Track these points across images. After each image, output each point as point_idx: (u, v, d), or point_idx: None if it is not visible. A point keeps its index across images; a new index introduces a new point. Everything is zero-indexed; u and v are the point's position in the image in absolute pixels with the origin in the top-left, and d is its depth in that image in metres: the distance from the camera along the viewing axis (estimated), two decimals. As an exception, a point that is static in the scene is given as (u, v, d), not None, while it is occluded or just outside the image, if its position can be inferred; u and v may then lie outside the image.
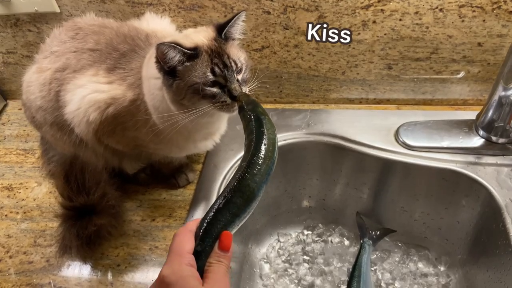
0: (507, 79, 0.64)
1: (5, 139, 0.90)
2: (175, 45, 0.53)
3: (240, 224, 0.47)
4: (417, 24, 0.73)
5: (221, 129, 0.71)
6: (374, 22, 0.74)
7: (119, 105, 0.62)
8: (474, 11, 0.70)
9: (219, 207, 0.45)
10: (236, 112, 0.58)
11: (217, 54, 0.57)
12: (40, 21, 0.84)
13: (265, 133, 0.50)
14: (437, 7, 0.70)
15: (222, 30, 0.58)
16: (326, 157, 0.84)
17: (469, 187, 0.72)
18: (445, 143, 0.75)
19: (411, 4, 0.70)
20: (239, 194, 0.46)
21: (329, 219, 0.92)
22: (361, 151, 0.79)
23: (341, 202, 0.89)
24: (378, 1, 0.71)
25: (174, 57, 0.54)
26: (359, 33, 0.76)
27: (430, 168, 0.74)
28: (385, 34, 0.75)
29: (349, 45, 0.78)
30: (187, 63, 0.55)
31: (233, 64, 0.58)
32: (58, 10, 0.81)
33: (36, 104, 0.69)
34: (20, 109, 0.97)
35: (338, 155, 0.82)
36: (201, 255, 0.44)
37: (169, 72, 0.56)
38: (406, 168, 0.77)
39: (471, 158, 0.73)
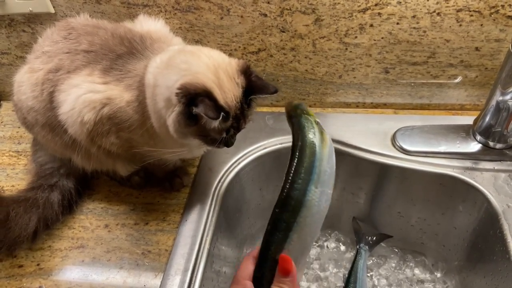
0: (505, 84, 0.63)
1: (-2, 140, 0.89)
2: (216, 106, 0.53)
3: (302, 241, 0.45)
4: (414, 28, 0.72)
5: None
6: (371, 25, 0.74)
7: (115, 105, 0.61)
8: (471, 15, 0.69)
9: (267, 229, 0.45)
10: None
11: (237, 119, 0.58)
12: (35, 21, 0.83)
13: (301, 136, 0.50)
14: (434, 11, 0.70)
15: (250, 92, 0.57)
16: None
17: (466, 193, 0.72)
18: (442, 148, 0.74)
19: (409, 8, 0.70)
20: (283, 208, 0.45)
21: (325, 224, 0.90)
22: (358, 155, 0.78)
23: (337, 207, 0.88)
24: (375, 5, 0.71)
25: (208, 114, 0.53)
26: (356, 37, 0.76)
27: (427, 173, 0.74)
28: (382, 38, 0.75)
29: (346, 49, 0.78)
30: (212, 120, 0.54)
31: (243, 127, 0.60)
32: (52, 11, 0.80)
33: (27, 105, 0.68)
34: (13, 111, 0.96)
35: (335, 159, 0.81)
36: (262, 281, 0.44)
37: (191, 114, 0.54)
38: (402, 173, 0.76)
39: (468, 163, 0.72)
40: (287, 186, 0.45)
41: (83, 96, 0.61)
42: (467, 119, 0.77)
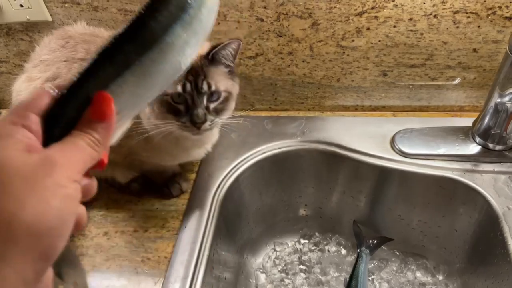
0: (503, 86, 0.63)
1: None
2: None
3: (137, 90, 0.32)
4: (411, 30, 0.72)
5: (212, 138, 0.70)
6: (368, 29, 0.73)
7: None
8: (468, 17, 0.69)
9: (93, 57, 0.31)
10: (200, 136, 0.58)
11: (195, 72, 0.56)
12: (33, 30, 0.83)
13: None
14: (431, 14, 0.70)
15: (211, 51, 0.58)
16: (321, 165, 0.83)
17: (466, 195, 0.71)
18: (441, 151, 0.74)
19: (405, 11, 0.70)
20: (129, 36, 0.32)
21: (326, 228, 0.91)
22: (357, 158, 0.78)
23: (338, 210, 0.88)
24: (372, 8, 0.71)
25: None
26: (353, 40, 0.76)
27: (427, 175, 0.73)
28: (379, 41, 0.75)
29: (343, 52, 0.77)
30: None
31: (205, 87, 0.57)
32: (50, 19, 0.80)
33: None
34: (13, 119, 0.96)
35: (334, 163, 0.81)
36: (58, 120, 0.30)
37: None
38: (402, 176, 0.76)
39: (468, 165, 0.72)
40: (147, 12, 0.32)
41: None
42: (466, 121, 0.77)
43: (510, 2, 0.66)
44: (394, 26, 0.72)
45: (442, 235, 0.80)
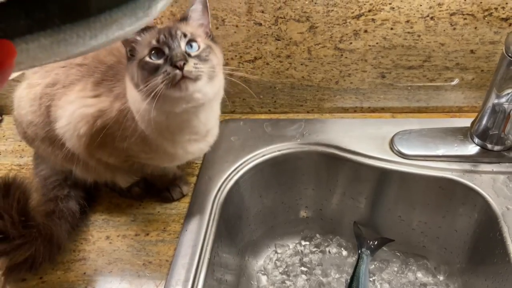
0: (500, 87, 0.63)
1: (0, 154, 0.90)
2: None
3: (48, 53, 0.27)
4: (408, 32, 0.73)
5: (209, 127, 0.66)
6: (365, 31, 0.74)
7: (106, 116, 0.62)
8: (465, 18, 0.70)
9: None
10: (189, 89, 0.52)
11: (168, 28, 0.56)
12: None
13: None
14: (428, 16, 0.70)
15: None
16: (321, 167, 0.83)
17: (466, 196, 0.72)
18: (440, 151, 0.74)
19: (402, 13, 0.70)
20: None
21: (327, 229, 0.91)
22: (357, 160, 0.78)
23: (338, 212, 0.89)
24: (369, 11, 0.71)
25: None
26: (351, 43, 0.76)
27: (426, 176, 0.74)
28: (377, 43, 0.75)
29: (342, 55, 0.78)
30: (139, 38, 0.56)
31: (179, 33, 0.55)
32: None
33: (27, 119, 0.69)
34: (15, 125, 0.97)
35: (334, 164, 0.82)
36: None
37: (130, 56, 0.56)
38: (402, 177, 0.76)
39: (467, 166, 0.72)
40: None
41: (77, 111, 0.62)
42: (465, 121, 0.77)
43: (506, 3, 0.67)
44: (392, 29, 0.73)
45: (442, 235, 0.81)
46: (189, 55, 0.54)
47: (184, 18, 0.59)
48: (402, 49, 0.75)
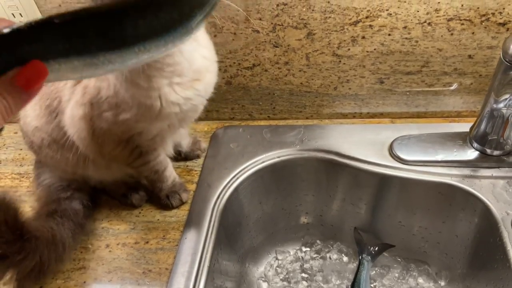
0: (498, 92, 0.63)
1: (0, 163, 0.90)
2: None
3: (77, 74, 0.29)
4: (406, 38, 0.73)
5: (196, 67, 0.57)
6: (363, 37, 0.74)
7: (100, 98, 0.59)
8: (462, 24, 0.70)
9: (55, 22, 0.26)
10: None
11: None
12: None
13: None
14: (425, 21, 0.70)
15: None
16: (321, 173, 0.83)
17: (466, 201, 0.71)
18: (439, 157, 0.74)
19: (399, 19, 0.70)
20: (99, 28, 0.27)
21: (327, 235, 0.91)
22: (356, 166, 0.78)
23: (339, 217, 0.88)
24: (366, 17, 0.71)
25: None
26: (348, 49, 0.76)
27: (426, 182, 0.74)
28: (374, 49, 0.75)
29: (340, 61, 0.78)
30: None
31: None
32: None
33: (32, 125, 0.69)
34: (16, 133, 0.97)
35: (333, 170, 0.82)
36: None
37: None
38: (401, 182, 0.76)
39: (466, 171, 0.72)
40: (135, 7, 0.28)
41: (76, 98, 0.62)
42: (464, 126, 0.77)
43: (504, 9, 0.67)
44: (389, 35, 0.73)
45: (443, 240, 0.80)
46: None
47: None
48: (400, 54, 0.75)
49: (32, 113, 0.68)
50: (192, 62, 0.57)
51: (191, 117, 0.66)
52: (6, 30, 0.26)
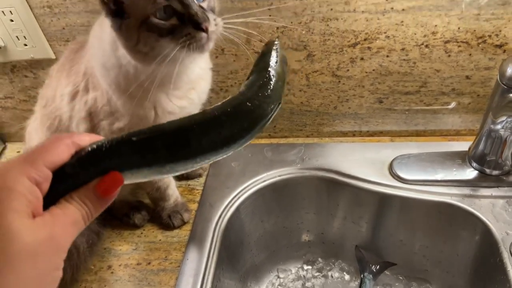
0: (495, 114, 0.64)
1: (3, 183, 0.91)
2: None
3: (145, 179, 0.34)
4: (404, 60, 0.74)
5: (192, 78, 0.59)
6: (362, 59, 0.75)
7: (97, 107, 0.60)
8: (459, 46, 0.71)
9: (132, 140, 0.32)
10: (208, 47, 0.47)
11: None
12: (36, 67, 0.86)
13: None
14: (422, 43, 0.71)
15: None
16: (322, 191, 0.84)
17: (466, 220, 0.72)
18: (439, 176, 0.74)
19: (397, 42, 0.72)
20: (168, 144, 0.32)
21: (329, 253, 0.91)
22: (356, 185, 0.79)
23: (340, 235, 0.89)
24: (365, 40, 0.72)
25: None
26: (348, 70, 0.77)
27: (426, 201, 0.74)
28: (373, 70, 0.76)
29: (339, 81, 0.79)
30: None
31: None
32: (53, 57, 0.83)
33: None
34: (18, 152, 0.98)
35: (334, 189, 0.82)
36: (67, 180, 0.31)
37: (116, 11, 0.47)
38: (402, 201, 0.76)
39: (466, 190, 0.73)
40: (197, 128, 0.33)
41: (78, 115, 0.62)
42: (463, 145, 0.77)
43: (500, 31, 0.68)
44: (387, 56, 0.74)
45: (444, 259, 0.81)
46: (202, 8, 0.48)
47: None
48: (398, 75, 0.76)
49: (35, 136, 0.69)
50: (190, 75, 0.58)
51: None
52: (92, 147, 0.32)
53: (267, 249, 0.91)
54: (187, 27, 0.47)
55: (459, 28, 0.69)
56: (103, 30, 0.54)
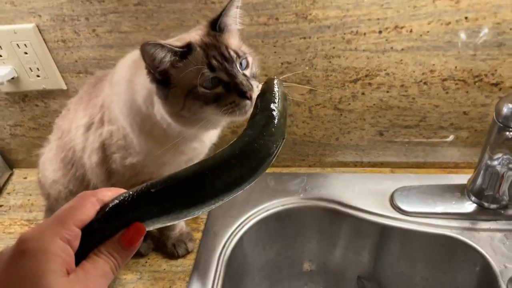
0: (492, 150, 0.66)
1: (10, 209, 0.92)
2: (163, 44, 0.47)
3: (165, 224, 0.37)
4: (403, 95, 0.77)
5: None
6: (363, 93, 0.78)
7: (111, 140, 0.62)
8: (457, 83, 0.74)
9: (151, 191, 0.34)
10: (250, 111, 0.47)
11: (214, 47, 0.50)
12: (47, 96, 0.89)
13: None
14: (421, 81, 0.74)
15: (216, 23, 0.51)
16: (324, 221, 0.85)
17: (465, 253, 0.73)
18: (439, 209, 0.76)
19: (397, 78, 0.75)
20: (183, 192, 0.35)
21: (331, 283, 0.92)
22: (358, 216, 0.80)
23: (342, 265, 0.90)
24: (366, 76, 0.75)
25: (164, 57, 0.47)
26: (349, 104, 0.80)
27: (426, 234, 0.75)
28: (374, 104, 0.79)
29: (341, 114, 0.82)
30: (180, 64, 0.49)
31: (233, 54, 0.50)
32: (65, 87, 0.86)
33: (49, 179, 0.72)
34: (25, 178, 1.00)
35: (336, 219, 0.84)
36: (95, 235, 0.33)
37: (161, 80, 0.50)
38: (402, 233, 0.78)
39: (465, 223, 0.74)
40: (210, 174, 0.35)
41: (91, 146, 0.65)
42: (462, 178, 0.79)
43: (496, 70, 0.71)
44: (387, 92, 0.77)
45: (444, 291, 0.81)
46: (245, 75, 0.51)
47: (220, 28, 0.52)
48: (398, 110, 0.79)
49: (49, 167, 0.71)
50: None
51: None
52: (114, 202, 0.34)
53: (270, 278, 0.91)
54: (232, 95, 0.49)
55: (456, 67, 0.72)
56: (135, 80, 0.56)
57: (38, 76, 0.84)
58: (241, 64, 0.52)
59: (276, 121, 0.41)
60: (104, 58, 0.80)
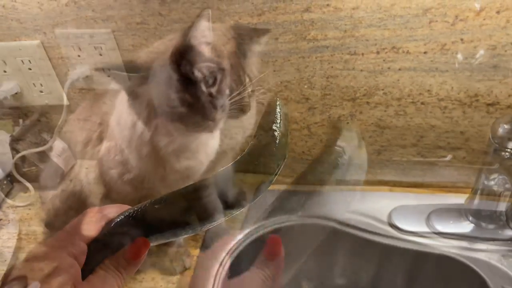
0: (489, 170, 0.67)
1: (9, 223, 0.92)
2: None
3: (169, 240, 0.38)
4: (401, 115, 0.78)
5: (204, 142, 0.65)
6: (361, 112, 0.79)
7: (109, 156, 0.64)
8: (453, 103, 0.75)
9: (155, 207, 0.36)
10: (217, 129, 0.53)
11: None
12: (49, 112, 0.90)
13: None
14: (418, 101, 0.75)
15: (186, 36, 0.51)
16: (322, 240, 0.85)
17: (464, 273, 0.73)
18: (437, 228, 0.76)
19: (394, 98, 0.76)
20: (185, 204, 0.36)
21: (330, 303, 0.91)
22: (356, 235, 0.80)
23: (340, 285, 0.89)
24: (363, 95, 0.76)
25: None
26: (347, 122, 0.81)
27: (424, 253, 0.75)
28: (372, 123, 0.80)
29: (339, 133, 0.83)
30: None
31: (197, 74, 0.50)
32: (67, 103, 0.87)
33: (50, 193, 0.73)
34: (25, 192, 1.00)
35: (334, 238, 0.83)
36: (101, 250, 0.35)
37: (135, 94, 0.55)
38: (401, 253, 0.77)
39: (463, 243, 0.74)
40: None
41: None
42: (460, 198, 0.79)
43: (492, 91, 0.72)
44: (385, 111, 0.78)
45: (444, 312, 0.81)
46: (211, 95, 0.53)
47: (190, 44, 0.52)
48: (396, 129, 0.80)
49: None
50: (198, 138, 0.63)
51: (196, 176, 0.69)
52: (119, 218, 0.36)
53: (267, 296, 0.90)
54: (196, 116, 0.52)
55: (452, 88, 0.72)
56: (123, 110, 0.59)
57: (41, 91, 0.86)
58: (207, 82, 0.52)
59: (278, 141, 0.43)
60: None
